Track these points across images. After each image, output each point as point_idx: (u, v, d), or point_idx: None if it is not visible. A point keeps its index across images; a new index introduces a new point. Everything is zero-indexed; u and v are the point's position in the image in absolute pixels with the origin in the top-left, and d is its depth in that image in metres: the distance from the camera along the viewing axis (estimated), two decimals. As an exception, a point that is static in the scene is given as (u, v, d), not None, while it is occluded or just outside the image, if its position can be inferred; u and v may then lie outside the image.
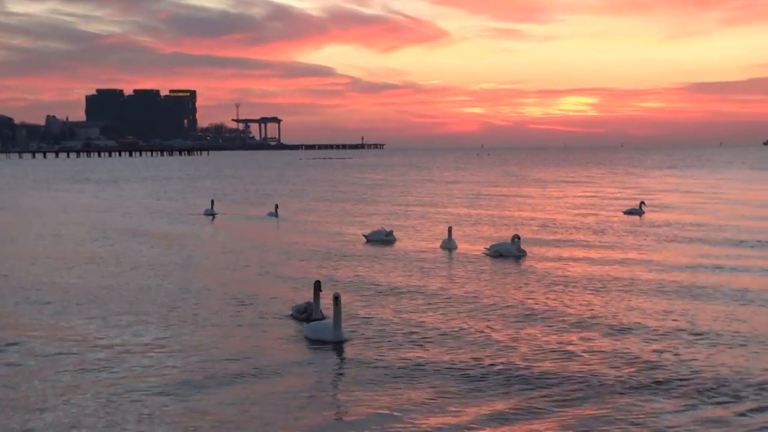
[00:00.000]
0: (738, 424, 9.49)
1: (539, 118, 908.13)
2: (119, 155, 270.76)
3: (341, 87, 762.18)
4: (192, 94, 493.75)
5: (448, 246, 24.87)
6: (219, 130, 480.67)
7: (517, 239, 23.19)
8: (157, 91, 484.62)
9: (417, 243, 26.74)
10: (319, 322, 13.84)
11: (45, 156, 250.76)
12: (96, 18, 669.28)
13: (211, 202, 40.64)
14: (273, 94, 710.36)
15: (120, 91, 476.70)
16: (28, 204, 49.49)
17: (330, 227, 32.60)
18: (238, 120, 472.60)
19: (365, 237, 27.43)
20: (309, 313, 14.70)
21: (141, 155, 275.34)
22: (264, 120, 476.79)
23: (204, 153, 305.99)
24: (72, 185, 74.60)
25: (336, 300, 13.13)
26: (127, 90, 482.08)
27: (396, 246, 25.96)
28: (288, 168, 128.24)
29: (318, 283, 14.90)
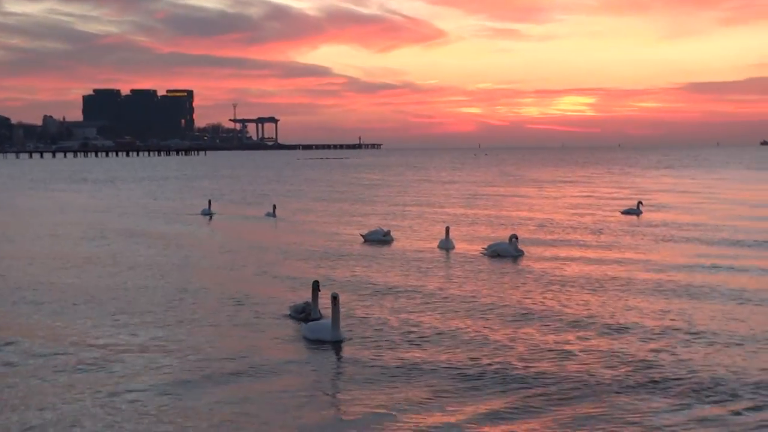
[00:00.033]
0: (734, 423, 9.52)
1: (537, 118, 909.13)
2: (116, 155, 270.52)
3: (338, 87, 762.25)
4: (189, 94, 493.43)
5: (445, 246, 24.90)
6: (216, 130, 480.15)
7: (515, 239, 23.22)
8: (155, 91, 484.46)
9: (414, 243, 26.77)
10: (318, 322, 13.86)
11: (42, 156, 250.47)
12: (93, 18, 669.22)
13: (209, 202, 40.62)
14: (270, 94, 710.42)
15: (117, 91, 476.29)
16: (25, 204, 49.47)
17: (327, 227, 32.63)
18: (235, 120, 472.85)
19: (363, 237, 27.46)
20: (307, 313, 14.72)
21: (138, 155, 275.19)
22: (261, 120, 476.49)
23: (201, 153, 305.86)
24: (69, 185, 74.55)
25: (334, 300, 13.15)
26: (125, 90, 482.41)
27: (393, 246, 25.98)
28: (285, 168, 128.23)
29: (316, 283, 14.91)
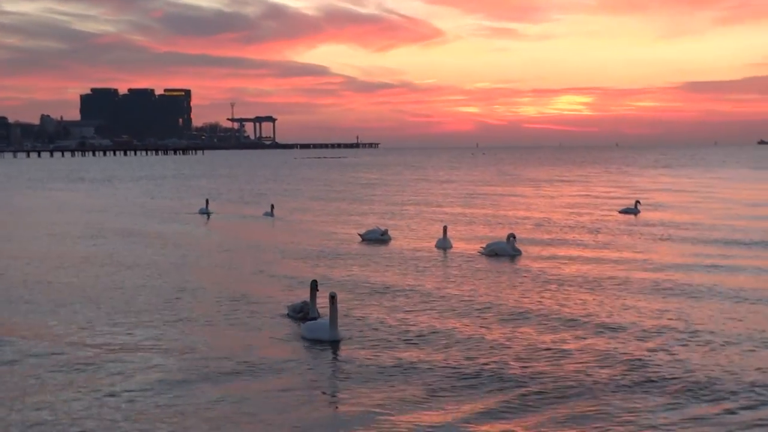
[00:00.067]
0: (730, 422, 9.54)
1: (534, 117, 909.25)
2: (114, 154, 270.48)
3: (336, 86, 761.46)
4: (186, 93, 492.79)
5: (443, 245, 24.90)
6: (214, 129, 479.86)
7: (513, 238, 23.21)
8: (152, 91, 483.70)
9: (412, 242, 26.78)
10: (316, 321, 13.86)
11: (39, 155, 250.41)
12: (90, 17, 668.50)
13: (206, 201, 40.59)
14: (268, 93, 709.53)
15: (114, 91, 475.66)
16: (22, 203, 49.43)
17: (325, 226, 32.63)
18: (232, 119, 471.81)
19: (360, 236, 27.47)
20: (305, 313, 14.73)
21: (135, 154, 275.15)
22: (259, 119, 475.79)
23: (199, 152, 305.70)
24: (66, 184, 74.50)
25: (332, 299, 13.15)
26: (122, 89, 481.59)
27: (391, 245, 25.99)
28: (283, 167, 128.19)
29: (315, 283, 14.91)
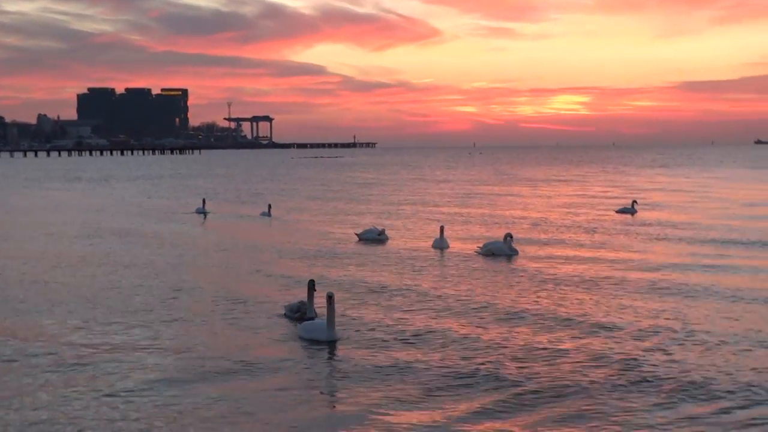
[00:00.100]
0: (726, 421, 9.57)
1: (531, 116, 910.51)
2: (111, 154, 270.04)
3: (333, 86, 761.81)
4: (184, 92, 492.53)
5: (440, 245, 24.90)
6: (211, 128, 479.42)
7: (510, 238, 23.21)
8: (149, 90, 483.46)
9: (409, 242, 26.79)
10: (313, 321, 13.87)
11: (36, 155, 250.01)
12: (87, 16, 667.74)
13: (203, 200, 40.58)
14: (265, 92, 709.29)
15: (111, 90, 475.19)
16: (19, 203, 49.37)
17: (322, 226, 32.63)
18: (229, 119, 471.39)
19: (357, 236, 27.47)
20: (302, 313, 14.73)
21: (132, 154, 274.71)
22: (256, 119, 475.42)
23: (196, 152, 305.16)
24: (63, 184, 74.41)
25: (329, 299, 13.16)
26: (119, 89, 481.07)
27: (388, 245, 26.00)
28: (280, 167, 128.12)
29: (312, 282, 14.92)
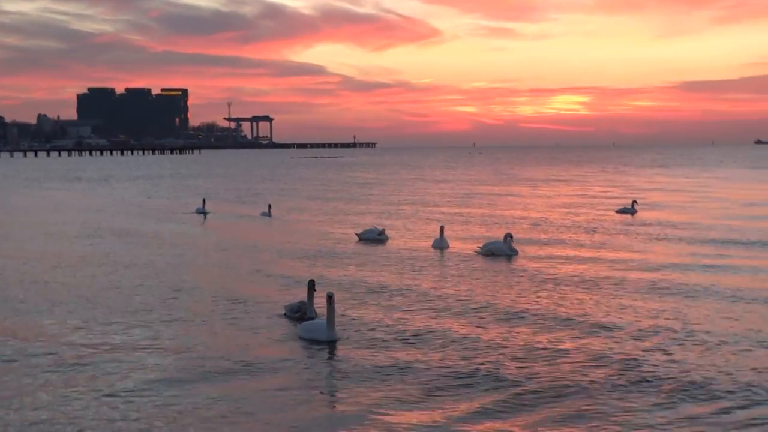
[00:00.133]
0: (725, 421, 9.57)
1: (531, 116, 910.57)
2: (111, 154, 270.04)
3: (333, 86, 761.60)
4: (184, 92, 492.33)
5: (440, 245, 24.89)
6: (211, 128, 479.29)
7: (510, 238, 23.20)
8: (149, 90, 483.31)
9: (409, 242, 26.79)
10: (313, 321, 13.87)
11: (36, 155, 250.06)
12: (87, 16, 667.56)
13: (203, 200, 40.58)
14: (265, 92, 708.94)
15: (112, 90, 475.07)
16: (19, 203, 49.36)
17: (322, 226, 32.62)
18: (229, 119, 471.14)
19: (357, 236, 27.48)
20: (302, 312, 14.73)
21: (132, 154, 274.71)
22: (256, 119, 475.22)
23: (196, 152, 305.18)
24: (63, 184, 74.41)
25: (329, 299, 13.15)
26: (119, 89, 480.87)
27: (388, 245, 26.00)
28: (279, 167, 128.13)
29: (312, 282, 14.92)
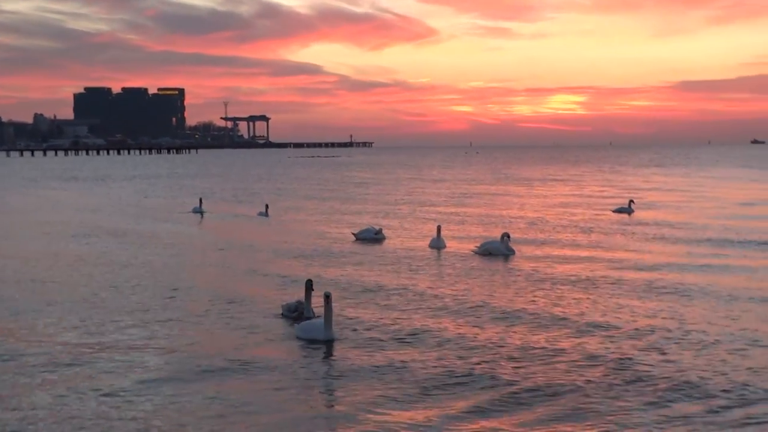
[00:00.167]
0: (721, 420, 9.59)
1: (528, 116, 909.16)
2: (107, 153, 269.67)
3: (330, 85, 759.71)
4: (180, 92, 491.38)
5: (437, 245, 24.91)
6: (207, 128, 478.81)
7: (507, 237, 23.22)
8: (146, 89, 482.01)
9: (406, 241, 26.80)
10: (310, 321, 13.87)
11: (33, 154, 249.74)
12: (84, 16, 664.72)
13: (200, 200, 40.57)
14: (261, 92, 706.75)
15: (108, 89, 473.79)
16: (15, 202, 49.31)
17: (319, 226, 32.63)
18: (226, 118, 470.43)
19: (354, 235, 27.48)
20: (300, 312, 14.73)
21: (129, 153, 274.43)
22: (252, 118, 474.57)
23: (192, 151, 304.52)
24: (60, 183, 74.33)
25: (327, 299, 13.16)
26: (116, 88, 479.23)
27: (385, 245, 26.01)
28: (276, 166, 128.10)
29: (310, 282, 14.92)
